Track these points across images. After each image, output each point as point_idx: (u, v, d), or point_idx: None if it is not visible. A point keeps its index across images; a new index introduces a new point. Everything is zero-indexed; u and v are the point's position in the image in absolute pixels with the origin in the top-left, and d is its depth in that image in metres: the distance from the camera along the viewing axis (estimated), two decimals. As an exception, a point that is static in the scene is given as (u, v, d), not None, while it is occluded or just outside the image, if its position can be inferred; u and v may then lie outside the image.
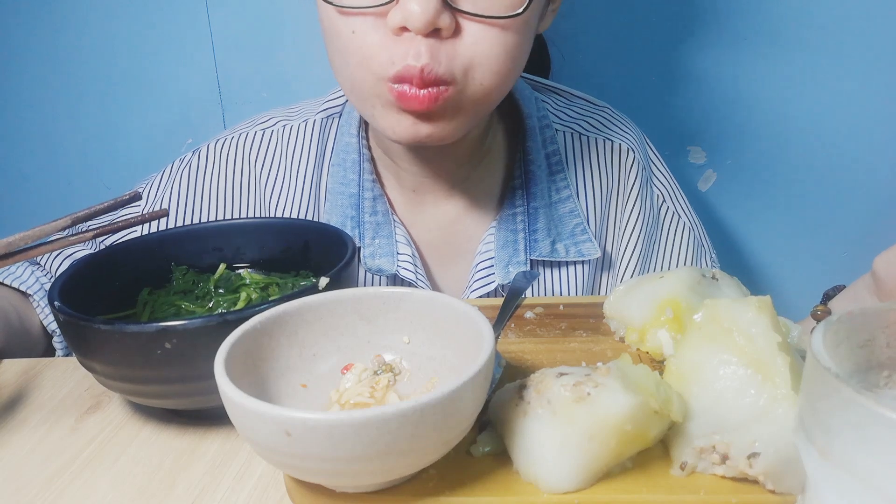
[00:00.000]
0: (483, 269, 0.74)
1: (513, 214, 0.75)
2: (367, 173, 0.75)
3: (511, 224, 0.74)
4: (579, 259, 0.75)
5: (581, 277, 0.76)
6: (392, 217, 0.75)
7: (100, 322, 0.49)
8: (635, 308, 0.56)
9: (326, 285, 0.52)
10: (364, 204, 0.75)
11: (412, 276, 0.73)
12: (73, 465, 0.51)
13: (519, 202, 0.75)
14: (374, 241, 0.75)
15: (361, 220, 0.75)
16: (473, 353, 0.42)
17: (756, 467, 0.40)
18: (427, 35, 0.58)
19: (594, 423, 0.41)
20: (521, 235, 0.74)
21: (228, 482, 0.48)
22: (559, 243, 0.75)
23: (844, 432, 0.30)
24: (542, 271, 0.76)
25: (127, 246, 0.65)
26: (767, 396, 0.41)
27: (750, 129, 1.04)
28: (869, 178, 1.04)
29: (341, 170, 0.76)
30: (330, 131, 0.79)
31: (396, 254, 0.74)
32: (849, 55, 0.98)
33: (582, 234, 0.76)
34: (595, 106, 0.83)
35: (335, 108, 0.80)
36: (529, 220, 0.74)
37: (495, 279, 0.73)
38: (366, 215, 0.75)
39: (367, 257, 0.74)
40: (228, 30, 1.08)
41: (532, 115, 0.77)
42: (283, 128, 0.80)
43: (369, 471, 0.39)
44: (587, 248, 0.75)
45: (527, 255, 0.74)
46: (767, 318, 0.44)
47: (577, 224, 0.76)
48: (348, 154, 0.76)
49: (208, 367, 0.41)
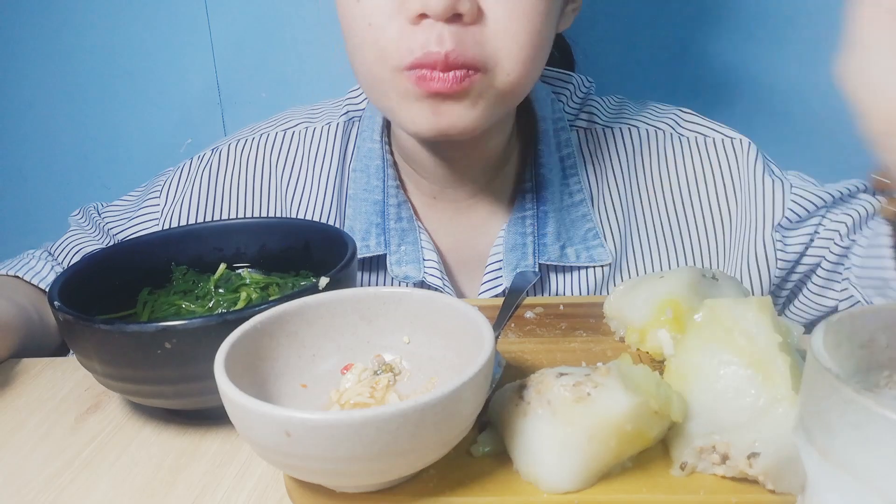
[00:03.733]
0: (491, 273, 0.74)
1: (522, 218, 0.74)
2: (391, 179, 0.74)
3: (520, 227, 0.73)
4: (590, 264, 0.74)
5: (592, 282, 0.75)
6: (416, 223, 0.75)
7: (100, 322, 0.49)
8: (635, 308, 0.56)
9: (326, 285, 0.52)
10: (389, 210, 0.74)
11: (439, 282, 0.72)
12: (73, 465, 0.51)
13: (529, 206, 0.74)
14: (400, 247, 0.74)
15: (387, 227, 0.74)
16: (473, 353, 0.42)
17: (756, 467, 0.40)
18: (448, 21, 0.57)
19: (594, 423, 0.41)
20: (529, 239, 0.73)
21: (228, 482, 0.48)
22: (570, 248, 0.74)
23: (844, 432, 0.30)
24: (552, 275, 0.75)
25: (127, 246, 0.65)
26: (767, 396, 0.41)
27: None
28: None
29: (364, 176, 0.75)
30: (351, 134, 0.79)
31: (423, 260, 0.73)
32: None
33: (594, 238, 0.74)
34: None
35: (356, 112, 0.79)
36: (539, 223, 0.73)
37: (503, 282, 0.72)
38: (391, 222, 0.74)
39: (393, 264, 0.74)
40: (228, 30, 1.08)
41: (546, 118, 0.75)
42: (306, 130, 0.79)
43: (369, 471, 0.39)
44: (599, 253, 0.74)
45: (535, 259, 0.73)
46: (768, 319, 0.44)
47: (590, 229, 0.75)
48: (371, 160, 0.75)
49: (208, 367, 0.41)
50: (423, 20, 0.58)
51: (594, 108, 0.79)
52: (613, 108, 0.80)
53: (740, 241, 0.75)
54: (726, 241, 0.76)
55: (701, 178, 0.76)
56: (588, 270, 0.75)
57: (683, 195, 0.76)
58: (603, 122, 0.78)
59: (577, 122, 0.78)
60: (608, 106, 0.80)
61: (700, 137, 0.77)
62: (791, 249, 0.74)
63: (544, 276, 0.74)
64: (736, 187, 0.75)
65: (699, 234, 0.76)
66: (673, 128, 0.77)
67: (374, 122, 0.76)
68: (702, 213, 0.76)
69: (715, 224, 0.76)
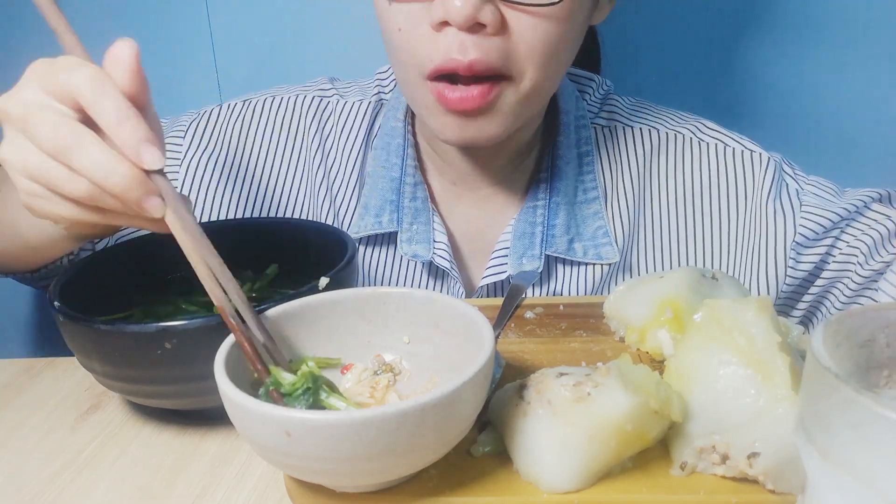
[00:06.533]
0: (497, 258, 0.74)
1: (534, 207, 0.74)
2: (410, 159, 0.75)
3: (531, 216, 0.74)
4: (597, 262, 0.74)
5: (595, 278, 0.75)
6: (431, 205, 0.75)
7: (100, 322, 0.49)
8: (635, 308, 0.56)
9: (326, 285, 0.52)
10: (405, 189, 0.75)
11: (447, 264, 0.73)
12: (73, 465, 0.51)
13: (541, 195, 0.74)
14: (412, 226, 0.74)
15: (401, 205, 0.74)
16: (473, 353, 0.42)
17: (756, 467, 0.40)
18: (471, 30, 0.58)
19: (594, 423, 0.41)
20: (538, 229, 0.73)
21: (228, 482, 0.48)
22: (578, 242, 0.74)
23: (844, 432, 0.30)
24: (557, 266, 0.75)
25: (127, 246, 0.65)
26: (767, 396, 0.41)
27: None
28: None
29: (384, 153, 0.76)
30: (378, 115, 0.79)
31: (433, 241, 0.74)
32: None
33: (604, 237, 0.74)
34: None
35: (385, 93, 0.80)
36: (549, 213, 0.73)
37: (507, 269, 0.73)
38: (406, 200, 0.74)
39: (403, 242, 0.74)
40: (228, 30, 1.08)
41: (570, 112, 0.76)
42: (338, 102, 0.80)
43: (369, 471, 0.39)
44: (607, 251, 0.73)
45: (542, 249, 0.73)
46: (767, 319, 0.44)
47: (601, 227, 0.74)
48: (393, 138, 0.76)
49: (208, 367, 0.41)
50: (447, 28, 0.59)
51: (615, 106, 0.79)
52: (634, 107, 0.80)
53: (747, 253, 0.75)
54: (733, 250, 0.76)
55: (714, 185, 0.76)
56: (593, 267, 0.75)
57: (696, 200, 0.76)
58: (623, 121, 0.78)
59: (597, 119, 0.78)
60: (628, 105, 0.80)
61: (720, 145, 0.76)
62: (801, 268, 0.73)
63: (551, 265, 0.74)
64: (747, 201, 0.75)
65: (705, 240, 0.76)
66: (693, 133, 0.77)
67: (400, 103, 0.77)
68: (710, 220, 0.76)
69: (721, 232, 0.76)
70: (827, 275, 0.74)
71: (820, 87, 1.02)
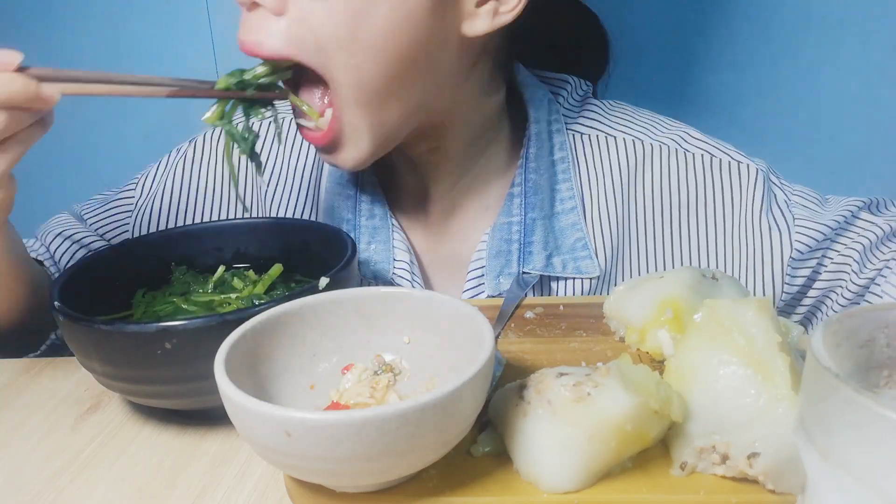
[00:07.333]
0: (474, 279, 0.72)
1: (508, 224, 0.71)
2: (367, 175, 0.73)
3: (505, 234, 0.71)
4: (576, 276, 0.72)
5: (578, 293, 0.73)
6: (391, 221, 0.73)
7: (100, 322, 0.49)
8: (635, 308, 0.56)
9: (326, 285, 0.52)
10: (361, 207, 0.73)
11: (408, 284, 0.71)
12: (73, 465, 0.51)
13: (516, 211, 0.71)
14: (370, 245, 0.72)
15: (358, 224, 0.73)
16: (473, 353, 0.42)
17: (756, 467, 0.40)
18: (249, 9, 0.58)
19: (594, 423, 0.41)
20: (514, 246, 0.71)
21: (228, 482, 0.48)
22: (556, 257, 0.71)
23: (844, 432, 0.30)
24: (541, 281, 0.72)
25: (127, 246, 0.65)
26: (767, 396, 0.41)
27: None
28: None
29: (338, 171, 0.74)
30: None
31: (393, 260, 0.72)
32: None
33: (583, 249, 0.72)
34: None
35: None
36: (525, 230, 0.71)
37: (485, 290, 0.71)
38: (362, 219, 0.73)
39: (361, 263, 0.72)
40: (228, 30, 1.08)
41: (540, 120, 0.73)
42: (283, 120, 0.77)
43: (369, 471, 0.39)
44: (587, 265, 0.71)
45: (519, 268, 0.70)
46: (767, 319, 0.44)
47: (579, 239, 0.72)
48: None
49: (208, 367, 0.41)
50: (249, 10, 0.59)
51: (595, 111, 0.76)
52: (615, 114, 0.77)
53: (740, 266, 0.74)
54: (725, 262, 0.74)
55: (702, 197, 0.73)
56: (573, 281, 0.72)
57: (682, 212, 0.74)
58: (605, 129, 0.75)
59: (574, 125, 0.75)
60: (608, 110, 0.77)
61: (706, 156, 0.74)
62: (796, 282, 0.73)
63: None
64: (736, 214, 0.73)
65: (692, 253, 0.74)
66: (679, 143, 0.74)
67: None
68: (699, 233, 0.74)
69: (709, 244, 0.74)
70: (819, 285, 0.73)
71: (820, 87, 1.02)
